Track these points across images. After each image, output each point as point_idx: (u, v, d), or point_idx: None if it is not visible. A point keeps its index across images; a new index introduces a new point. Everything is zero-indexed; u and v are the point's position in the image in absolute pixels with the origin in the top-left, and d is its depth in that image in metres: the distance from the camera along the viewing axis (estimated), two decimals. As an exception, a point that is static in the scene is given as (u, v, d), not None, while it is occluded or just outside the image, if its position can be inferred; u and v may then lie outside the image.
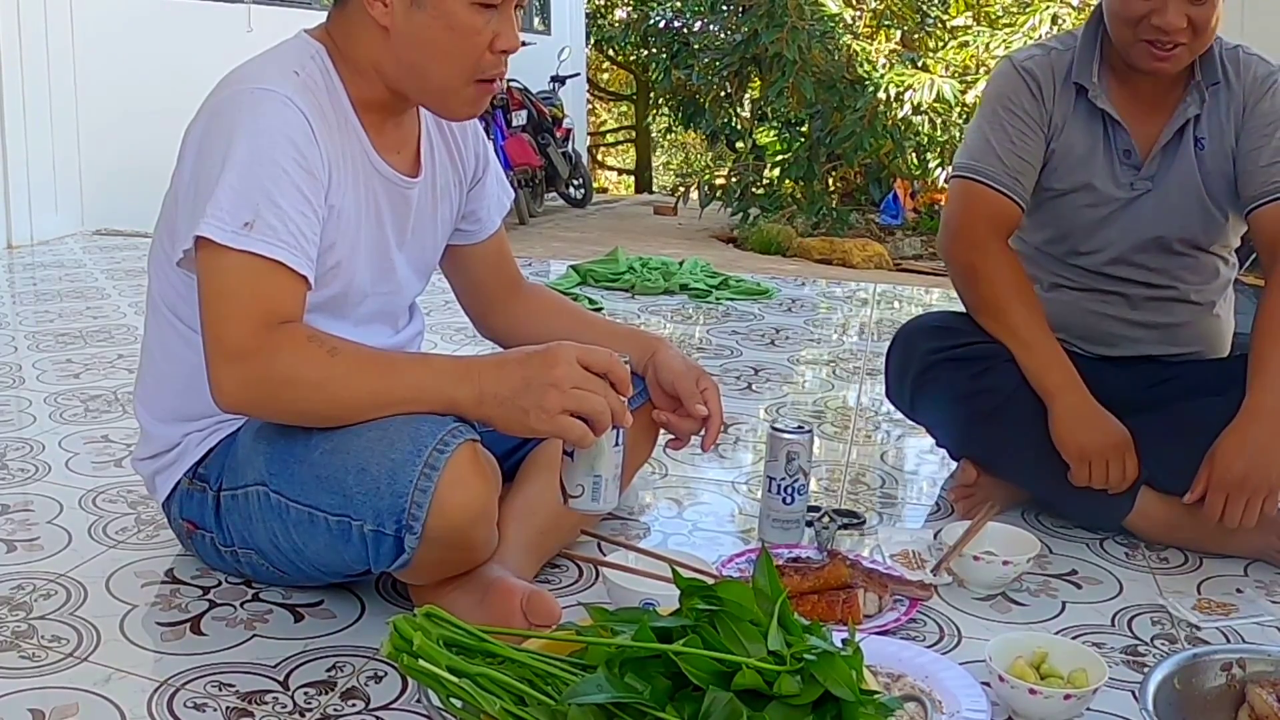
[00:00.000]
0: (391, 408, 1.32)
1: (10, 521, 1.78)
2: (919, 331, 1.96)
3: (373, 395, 1.32)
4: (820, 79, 9.17)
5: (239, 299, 1.31)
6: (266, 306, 1.31)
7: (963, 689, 1.31)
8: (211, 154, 1.36)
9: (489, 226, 1.74)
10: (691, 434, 1.67)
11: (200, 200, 1.34)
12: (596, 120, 16.59)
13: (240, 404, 1.34)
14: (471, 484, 1.32)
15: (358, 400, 1.32)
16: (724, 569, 1.62)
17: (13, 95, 4.48)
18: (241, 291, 1.31)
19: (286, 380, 1.31)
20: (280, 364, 1.30)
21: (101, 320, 3.20)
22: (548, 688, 1.02)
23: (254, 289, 1.31)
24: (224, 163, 1.33)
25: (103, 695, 1.30)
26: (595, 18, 13.59)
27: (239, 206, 1.31)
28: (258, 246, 1.31)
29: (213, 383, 1.32)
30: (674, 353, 1.69)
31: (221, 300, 1.32)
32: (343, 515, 1.33)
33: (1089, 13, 2.02)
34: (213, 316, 1.32)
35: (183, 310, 1.50)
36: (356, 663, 1.39)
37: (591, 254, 4.85)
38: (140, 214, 5.04)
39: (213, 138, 1.37)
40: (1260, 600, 1.66)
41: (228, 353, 1.30)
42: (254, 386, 1.31)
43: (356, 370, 1.32)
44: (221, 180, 1.32)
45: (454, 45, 1.40)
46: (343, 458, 1.32)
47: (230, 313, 1.31)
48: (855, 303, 3.92)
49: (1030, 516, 1.95)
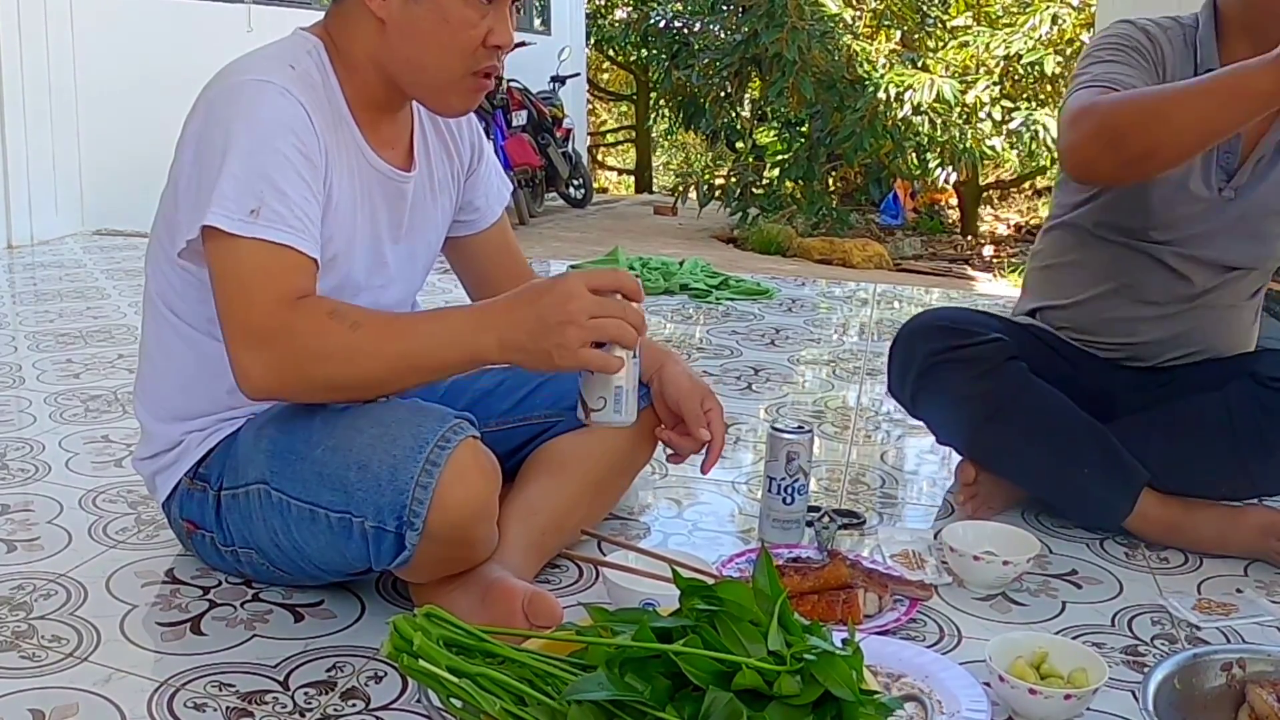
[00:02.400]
0: (419, 372, 1.34)
1: (10, 521, 1.78)
2: (920, 330, 1.92)
3: (400, 359, 1.33)
4: (820, 79, 9.17)
5: (255, 284, 1.32)
6: (282, 287, 1.32)
7: (963, 689, 1.31)
8: (211, 145, 1.36)
9: (489, 215, 1.75)
10: (692, 453, 1.68)
11: (203, 191, 1.34)
12: (596, 120, 16.59)
13: (270, 387, 1.33)
14: (473, 480, 1.33)
15: (386, 368, 1.33)
16: (724, 569, 1.62)
17: (13, 95, 4.49)
18: (256, 276, 1.32)
19: (313, 356, 1.31)
20: (305, 342, 1.31)
21: (101, 320, 3.20)
22: (548, 688, 1.02)
23: (268, 272, 1.33)
24: (225, 153, 1.34)
25: (103, 695, 1.30)
26: (595, 18, 13.58)
27: (244, 194, 1.32)
28: (266, 233, 1.32)
29: (239, 371, 1.32)
30: (682, 369, 1.69)
31: (238, 287, 1.33)
32: (344, 512, 1.33)
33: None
34: (231, 304, 1.33)
35: (180, 308, 1.51)
36: (356, 663, 1.39)
37: (591, 254, 4.85)
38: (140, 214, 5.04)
39: (211, 129, 1.37)
40: (1260, 600, 1.65)
41: (251, 337, 1.31)
42: (281, 368, 1.31)
43: (380, 339, 1.32)
44: (224, 170, 1.33)
45: (449, 38, 1.41)
46: (344, 455, 1.33)
47: (248, 298, 1.32)
48: (855, 303, 3.92)
49: (1030, 516, 1.95)
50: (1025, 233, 10.64)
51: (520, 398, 1.72)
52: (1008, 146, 9.25)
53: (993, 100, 8.93)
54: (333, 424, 1.38)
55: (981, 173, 9.98)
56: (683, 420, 1.65)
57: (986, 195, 11.40)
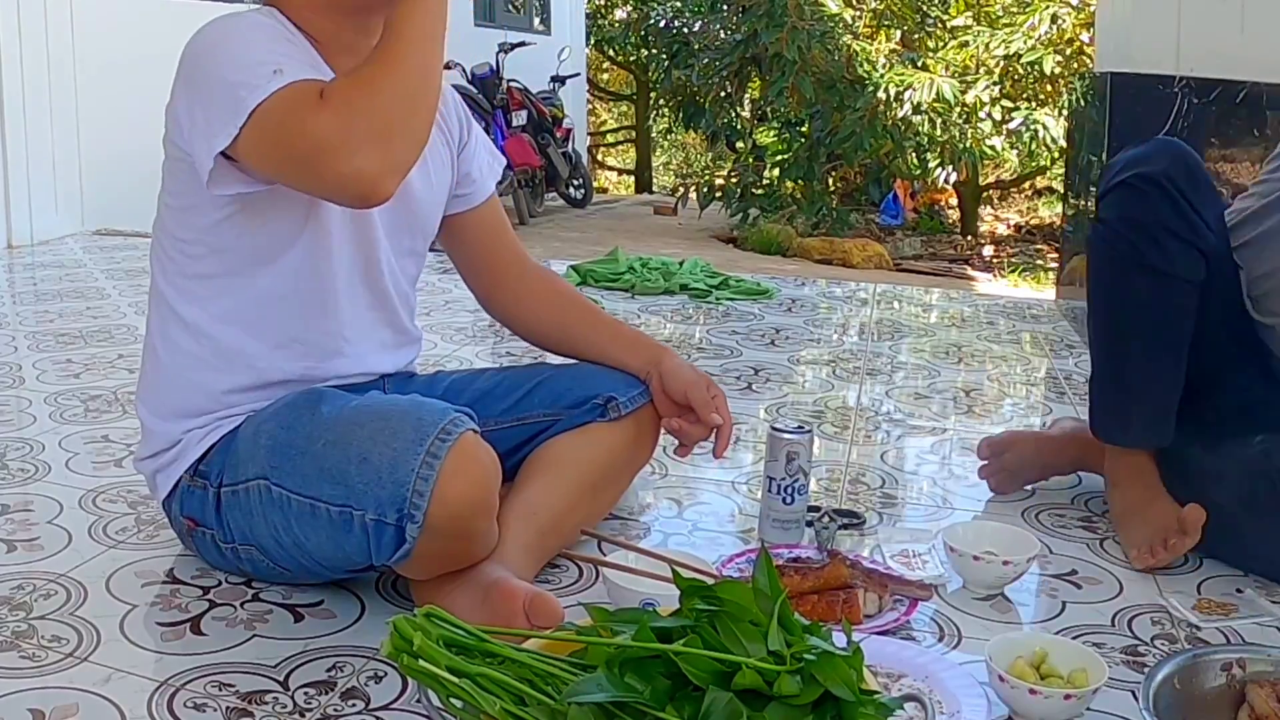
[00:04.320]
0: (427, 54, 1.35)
1: (10, 521, 1.78)
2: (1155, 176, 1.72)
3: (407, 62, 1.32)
4: (820, 79, 9.18)
5: (301, 103, 1.28)
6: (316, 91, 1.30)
7: (963, 689, 1.31)
8: (203, 73, 1.36)
9: (484, 189, 1.76)
10: (700, 440, 1.71)
11: (220, 102, 1.32)
12: (596, 120, 16.60)
13: (375, 164, 1.27)
14: (473, 473, 1.34)
15: (408, 74, 1.31)
16: (724, 569, 1.62)
17: (13, 95, 4.48)
18: (300, 98, 1.29)
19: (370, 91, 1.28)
20: (355, 99, 1.28)
21: (101, 320, 3.20)
22: (548, 688, 1.02)
23: (309, 91, 1.30)
24: (222, 64, 1.34)
25: (103, 695, 1.30)
26: (595, 18, 13.60)
27: (260, 69, 1.31)
28: (297, 78, 1.31)
29: (359, 185, 1.28)
30: (681, 361, 1.73)
31: (291, 116, 1.29)
32: (344, 506, 1.34)
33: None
34: (297, 133, 1.28)
35: (183, 306, 1.52)
36: (356, 663, 1.39)
37: (591, 254, 4.85)
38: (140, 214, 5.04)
39: (200, 60, 1.37)
40: (1260, 600, 1.65)
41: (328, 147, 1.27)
42: (353, 124, 1.26)
43: (381, 60, 1.32)
44: (229, 74, 1.32)
45: None
46: (345, 448, 1.34)
47: (303, 114, 1.28)
48: (855, 303, 3.92)
49: (1030, 516, 1.95)
50: (1025, 232, 10.65)
51: (519, 397, 1.72)
52: (1008, 146, 9.26)
53: (992, 100, 8.94)
54: (333, 419, 1.38)
55: (981, 173, 9.98)
56: (689, 410, 1.68)
57: (986, 195, 11.40)
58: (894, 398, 2.69)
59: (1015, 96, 9.15)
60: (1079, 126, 4.23)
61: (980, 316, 3.73)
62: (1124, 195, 1.76)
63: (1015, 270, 8.58)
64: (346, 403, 1.43)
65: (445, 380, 1.77)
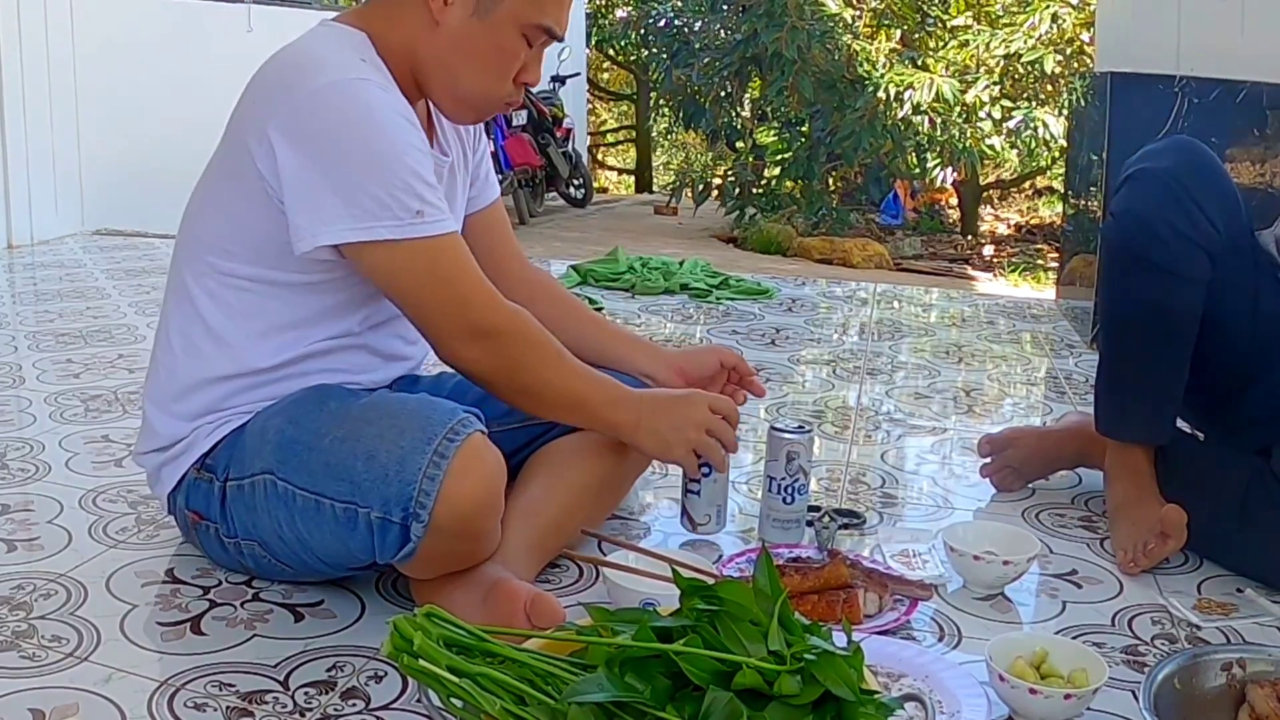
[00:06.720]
0: (575, 412, 1.57)
1: (10, 521, 1.78)
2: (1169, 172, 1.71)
3: (574, 395, 1.54)
4: (820, 79, 9.17)
5: (459, 281, 1.43)
6: (477, 278, 1.45)
7: (963, 689, 1.31)
8: (338, 151, 1.37)
9: (491, 189, 1.81)
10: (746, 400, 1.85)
11: (349, 202, 1.36)
12: (596, 120, 16.58)
13: (485, 375, 1.50)
14: (479, 474, 1.34)
15: (562, 397, 1.53)
16: (724, 569, 1.62)
17: (13, 95, 4.48)
18: (455, 273, 1.43)
19: (526, 367, 1.49)
20: (524, 349, 1.49)
21: (101, 320, 3.20)
22: (548, 688, 1.02)
23: (461, 268, 1.43)
24: (365, 161, 1.36)
25: (103, 695, 1.30)
26: (595, 18, 13.58)
27: (403, 199, 1.37)
28: (435, 229, 1.40)
29: (461, 361, 1.48)
30: (692, 352, 1.88)
31: (443, 287, 1.43)
32: (350, 503, 1.34)
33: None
34: (444, 306, 1.43)
35: (211, 313, 1.50)
36: (356, 663, 1.39)
37: (591, 254, 4.85)
38: (140, 214, 5.06)
39: (334, 135, 1.37)
40: (1260, 600, 1.65)
41: (476, 332, 1.45)
42: (501, 360, 1.48)
43: (573, 373, 1.53)
44: (371, 179, 1.36)
45: (494, 63, 1.49)
46: (352, 445, 1.34)
47: (461, 296, 1.43)
48: (855, 302, 3.92)
49: (1030, 516, 1.95)
50: (1025, 232, 10.65)
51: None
52: (1007, 146, 9.26)
53: (992, 100, 8.93)
54: (341, 416, 1.39)
55: (981, 172, 9.98)
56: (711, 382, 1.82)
57: (986, 195, 11.40)
58: (894, 397, 2.69)
59: (1015, 96, 9.14)
60: (1079, 126, 4.23)
61: (980, 316, 3.73)
62: (1129, 190, 1.76)
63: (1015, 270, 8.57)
64: (355, 400, 1.44)
65: (451, 380, 1.77)
